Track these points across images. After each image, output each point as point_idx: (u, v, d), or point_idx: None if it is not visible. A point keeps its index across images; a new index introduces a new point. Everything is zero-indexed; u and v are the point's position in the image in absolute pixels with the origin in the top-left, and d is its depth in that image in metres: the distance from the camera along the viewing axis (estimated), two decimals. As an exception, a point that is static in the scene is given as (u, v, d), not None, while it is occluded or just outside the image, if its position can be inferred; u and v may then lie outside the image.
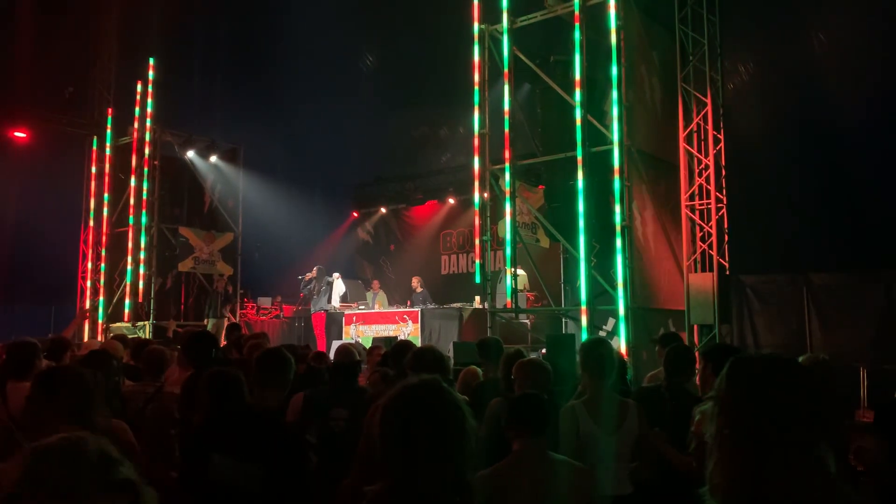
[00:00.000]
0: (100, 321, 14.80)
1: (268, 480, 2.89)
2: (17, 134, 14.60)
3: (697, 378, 4.33)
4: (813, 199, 11.48)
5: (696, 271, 10.34)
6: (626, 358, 7.77)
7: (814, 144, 11.34)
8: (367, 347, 7.38)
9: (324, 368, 6.16)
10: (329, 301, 14.93)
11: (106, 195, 15.22)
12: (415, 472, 1.75)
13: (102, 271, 15.13)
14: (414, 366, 3.78)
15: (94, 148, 15.51)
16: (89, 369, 3.23)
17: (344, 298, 15.11)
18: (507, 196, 10.53)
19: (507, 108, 10.62)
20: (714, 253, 10.26)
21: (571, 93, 9.88)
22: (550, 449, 2.99)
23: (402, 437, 1.78)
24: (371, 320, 13.81)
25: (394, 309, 13.92)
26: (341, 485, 2.97)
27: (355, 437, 4.29)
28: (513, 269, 10.59)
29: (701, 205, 10.51)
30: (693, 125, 10.61)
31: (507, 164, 10.61)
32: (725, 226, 10.54)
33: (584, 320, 9.58)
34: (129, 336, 9.05)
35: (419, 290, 14.55)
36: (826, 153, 11.25)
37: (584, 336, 8.86)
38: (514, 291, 10.63)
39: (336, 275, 15.26)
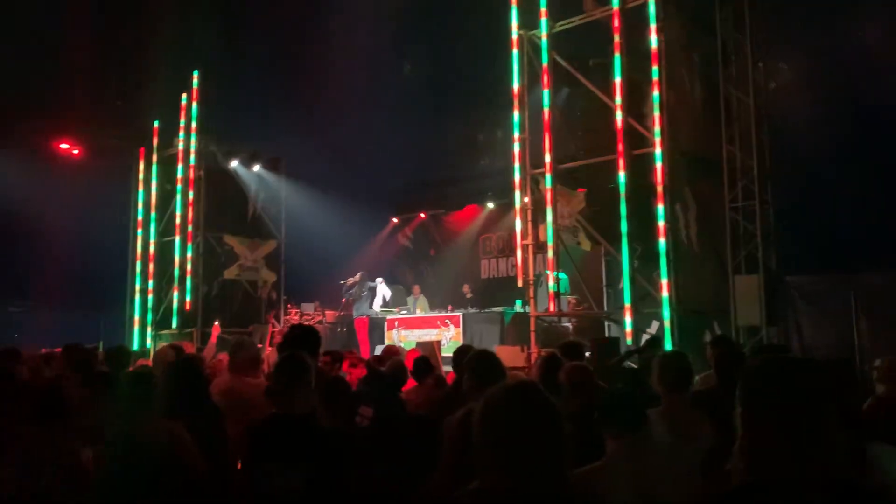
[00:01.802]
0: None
1: (311, 485, 3.00)
2: (66, 146, 15.06)
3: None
4: (860, 197, 11.27)
5: (741, 272, 10.23)
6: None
7: (861, 142, 11.14)
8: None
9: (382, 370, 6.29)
10: (371, 306, 15.10)
11: (153, 205, 15.59)
12: (517, 471, 1.80)
13: (150, 278, 15.47)
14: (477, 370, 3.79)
15: (142, 159, 15.90)
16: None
17: (386, 304, 15.27)
18: (549, 201, 10.56)
19: (546, 112, 10.64)
20: (759, 254, 10.15)
21: (611, 96, 9.89)
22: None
23: (504, 436, 1.83)
24: (413, 325, 13.93)
25: (435, 313, 14.01)
26: (422, 488, 3.03)
27: (376, 436, 4.46)
28: (555, 273, 10.61)
29: (745, 205, 10.40)
30: (736, 126, 10.51)
31: (547, 172, 10.64)
32: (771, 226, 10.42)
33: (627, 320, 9.55)
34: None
35: (469, 295, 14.72)
36: (874, 151, 11.04)
37: (668, 345, 8.80)
38: (558, 295, 10.65)
39: (379, 280, 15.43)
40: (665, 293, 9.31)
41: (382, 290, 15.25)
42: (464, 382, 3.76)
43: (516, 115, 11.08)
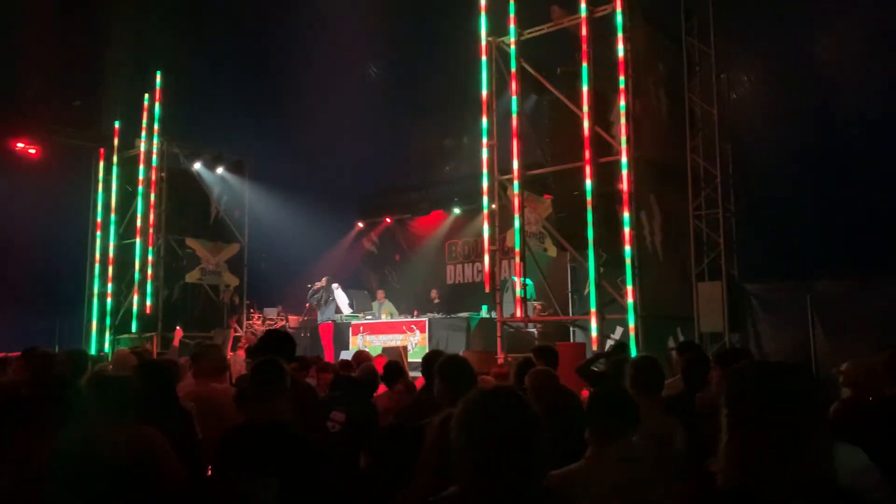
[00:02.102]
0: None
1: (286, 493, 2.97)
2: (22, 146, 14.66)
3: (712, 383, 4.41)
4: (817, 207, 11.54)
5: (704, 280, 10.41)
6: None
7: (818, 153, 11.42)
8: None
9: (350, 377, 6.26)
10: (336, 311, 15.00)
11: (113, 207, 15.28)
12: (494, 475, 1.80)
13: (109, 281, 15.15)
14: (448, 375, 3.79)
15: (102, 160, 15.58)
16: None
17: (339, 310, 15.18)
18: (516, 207, 10.62)
19: (514, 119, 10.71)
20: (722, 262, 10.34)
21: (578, 103, 10.00)
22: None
23: (482, 441, 1.83)
24: (378, 330, 13.86)
25: (401, 319, 13.98)
26: (399, 494, 3.01)
27: (348, 441, 4.45)
28: (522, 279, 10.67)
29: (708, 214, 10.60)
30: (700, 135, 10.71)
31: (515, 179, 10.70)
32: (733, 235, 10.63)
33: (593, 325, 9.64)
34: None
35: (437, 301, 14.72)
36: (830, 162, 11.34)
37: (633, 350, 8.89)
38: (525, 301, 10.70)
39: (335, 285, 15.34)
40: (630, 299, 9.43)
41: (339, 295, 15.15)
42: (435, 388, 3.75)
43: (485, 121, 11.13)
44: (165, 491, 3.04)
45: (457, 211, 17.13)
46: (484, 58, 11.15)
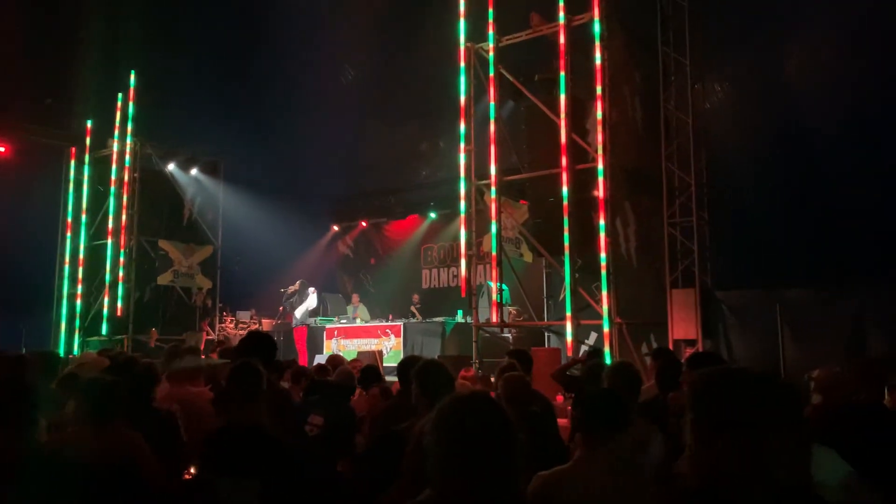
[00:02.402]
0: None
1: (264, 495, 2.97)
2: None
3: (684, 387, 4.48)
4: (787, 216, 11.74)
5: (678, 287, 10.54)
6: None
7: (788, 163, 11.63)
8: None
9: (327, 381, 6.24)
10: (312, 314, 14.95)
11: (84, 207, 15.06)
12: (468, 481, 1.81)
13: (79, 283, 14.92)
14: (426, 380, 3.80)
15: (73, 160, 15.35)
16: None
17: (314, 313, 15.10)
18: (493, 213, 10.67)
19: (493, 126, 10.76)
20: (696, 269, 10.47)
21: (556, 110, 10.08)
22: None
23: (458, 445, 1.84)
24: (353, 334, 13.83)
25: (376, 323, 13.95)
26: (380, 498, 3.01)
27: (326, 445, 4.44)
28: (498, 284, 10.71)
29: (683, 221, 10.72)
30: (675, 144, 10.84)
31: (493, 185, 10.75)
32: (706, 242, 10.77)
33: (569, 329, 9.70)
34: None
35: (419, 305, 14.74)
36: (800, 171, 11.54)
37: (608, 356, 8.96)
38: (501, 306, 10.74)
39: (311, 289, 15.28)
40: (605, 305, 9.51)
41: (311, 300, 15.09)
42: (412, 392, 3.75)
43: (462, 126, 11.16)
44: (146, 496, 3.01)
45: (433, 215, 17.14)
46: (462, 63, 11.19)
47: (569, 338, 9.71)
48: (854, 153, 10.87)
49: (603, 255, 9.58)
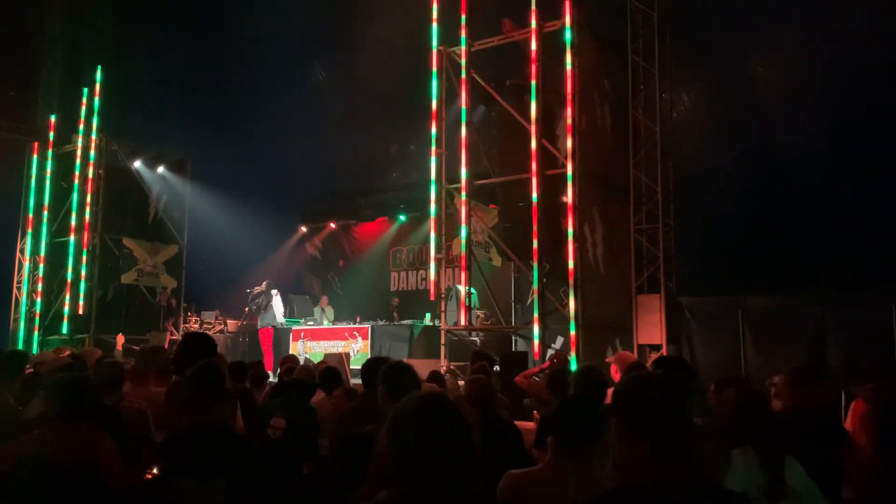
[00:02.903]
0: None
1: (229, 494, 2.96)
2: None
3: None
4: (750, 225, 11.95)
5: (644, 293, 10.66)
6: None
7: (753, 172, 11.85)
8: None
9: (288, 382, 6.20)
10: (275, 317, 14.82)
11: (46, 203, 14.76)
12: (423, 481, 1.82)
13: (40, 281, 14.61)
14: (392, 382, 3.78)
15: (36, 155, 15.05)
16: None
17: (284, 315, 15.01)
18: (463, 217, 10.69)
19: (464, 130, 10.78)
20: (661, 275, 10.61)
21: (526, 116, 10.14)
22: None
23: (412, 447, 1.84)
24: (319, 336, 13.74)
25: (344, 325, 13.88)
26: (347, 498, 3.00)
27: (289, 447, 4.42)
28: (467, 288, 10.74)
29: (649, 228, 10.86)
30: (643, 152, 10.98)
31: (463, 189, 10.78)
32: (672, 250, 10.92)
33: (536, 330, 9.74)
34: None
35: (396, 305, 14.76)
36: (764, 181, 11.77)
37: (574, 360, 9.03)
38: (470, 309, 10.77)
39: (274, 291, 15.17)
40: (571, 309, 9.59)
41: (276, 302, 14.97)
42: (379, 394, 3.74)
43: (434, 129, 11.17)
44: (110, 496, 2.97)
45: (402, 218, 17.13)
46: (434, 67, 11.21)
47: (536, 339, 9.75)
48: (818, 165, 11.09)
49: (570, 260, 9.66)
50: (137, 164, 15.14)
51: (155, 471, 3.25)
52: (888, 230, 10.18)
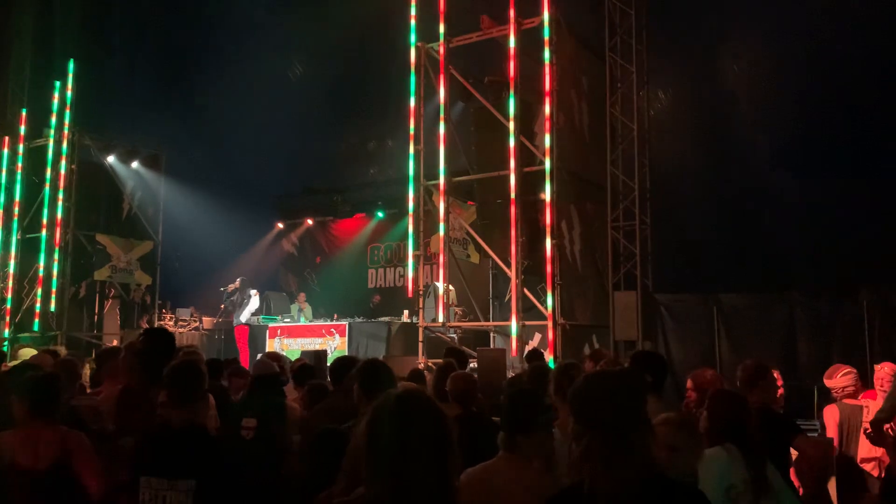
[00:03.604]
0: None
1: (198, 494, 2.95)
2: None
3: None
4: (724, 223, 12.09)
5: (620, 289, 10.73)
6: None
7: (726, 171, 11.98)
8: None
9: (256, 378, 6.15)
10: (254, 313, 14.69)
11: (17, 199, 14.51)
12: (401, 478, 1.81)
13: (10, 277, 14.37)
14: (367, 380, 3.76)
15: (6, 149, 14.78)
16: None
17: (257, 313, 14.86)
18: (441, 215, 10.68)
19: (442, 127, 10.76)
20: (638, 272, 10.68)
21: (504, 113, 10.15)
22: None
23: (389, 443, 1.84)
24: (297, 333, 13.64)
25: (321, 322, 13.80)
26: (319, 495, 2.99)
27: (262, 447, 4.40)
28: (445, 285, 10.73)
29: (626, 226, 10.93)
30: (620, 149, 11.04)
31: (441, 184, 10.76)
32: (648, 247, 11.00)
33: (514, 325, 9.75)
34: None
35: (377, 301, 14.70)
36: (737, 180, 11.91)
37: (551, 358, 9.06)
38: (448, 306, 10.76)
39: (253, 291, 15.02)
40: (549, 306, 9.62)
41: (254, 302, 14.84)
42: (354, 392, 3.73)
43: (412, 126, 11.14)
44: (82, 496, 2.93)
45: (380, 215, 17.07)
46: (412, 63, 11.17)
47: (514, 333, 9.75)
48: (791, 165, 11.26)
49: (548, 257, 9.68)
50: (111, 159, 14.93)
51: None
52: (859, 227, 10.37)
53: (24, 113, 14.62)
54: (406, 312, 12.83)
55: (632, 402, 1.90)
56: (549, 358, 9.05)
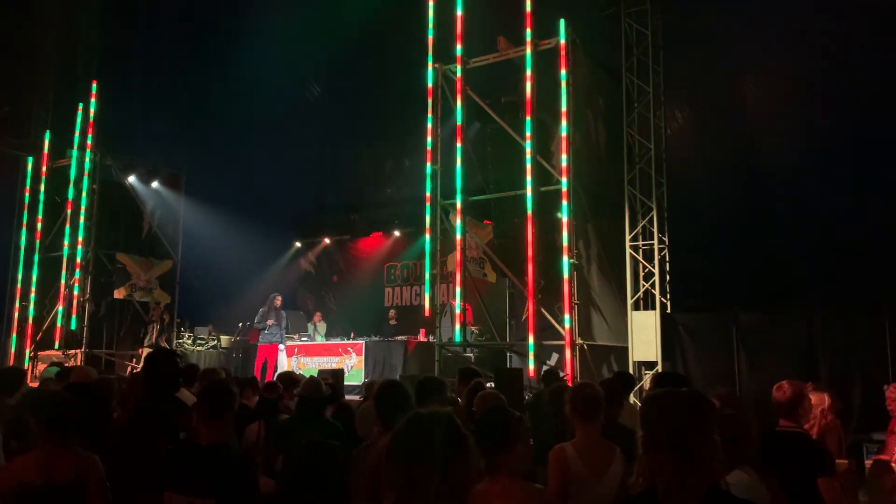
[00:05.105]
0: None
1: None
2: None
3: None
4: (743, 242, 12.03)
5: (639, 309, 10.68)
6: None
7: (745, 189, 11.94)
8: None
9: (276, 398, 6.17)
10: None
11: (40, 218, 14.73)
12: (418, 495, 1.84)
13: (33, 296, 14.54)
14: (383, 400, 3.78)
15: (30, 169, 15.03)
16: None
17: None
18: (459, 236, 10.71)
19: (459, 146, 10.81)
20: (657, 292, 10.63)
21: (521, 133, 10.18)
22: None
23: (407, 461, 1.88)
24: (314, 352, 13.67)
25: (337, 341, 13.83)
26: None
27: (320, 466, 4.41)
28: (462, 303, 10.74)
29: (644, 245, 10.91)
30: (637, 169, 11.05)
31: (458, 204, 10.80)
32: (666, 266, 10.95)
33: (531, 341, 9.71)
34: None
35: (393, 322, 14.60)
36: (756, 198, 11.86)
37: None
38: (465, 325, 10.76)
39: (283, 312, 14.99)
40: (567, 325, 9.59)
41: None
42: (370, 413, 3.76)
43: (429, 146, 11.20)
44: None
45: (397, 233, 17.13)
46: (430, 83, 11.26)
47: (531, 350, 9.71)
48: (807, 184, 11.20)
49: (565, 275, 9.67)
50: (132, 179, 15.12)
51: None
52: (878, 244, 10.28)
53: (47, 134, 14.86)
54: (423, 331, 12.84)
55: (703, 417, 2.02)
56: (567, 378, 9.01)
